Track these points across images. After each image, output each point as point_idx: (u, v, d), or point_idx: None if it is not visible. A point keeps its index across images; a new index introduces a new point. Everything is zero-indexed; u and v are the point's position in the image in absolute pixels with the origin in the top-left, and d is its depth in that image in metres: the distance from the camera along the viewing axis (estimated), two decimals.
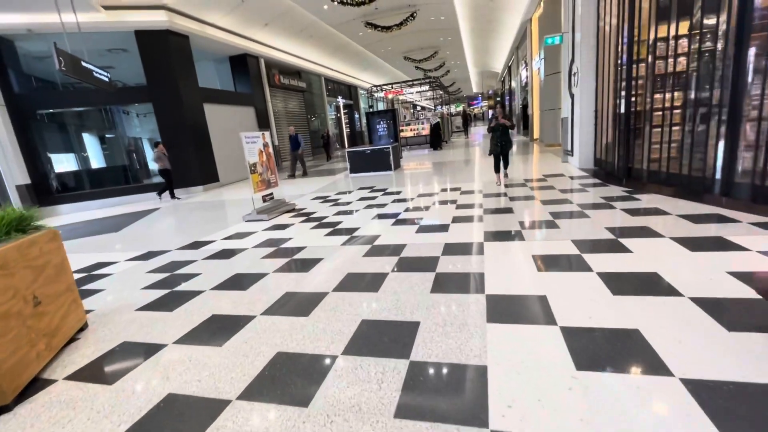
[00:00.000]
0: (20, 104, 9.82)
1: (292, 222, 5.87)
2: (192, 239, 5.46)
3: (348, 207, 6.58)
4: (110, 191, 11.01)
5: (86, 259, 5.01)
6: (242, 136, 6.04)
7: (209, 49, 12.94)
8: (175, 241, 5.45)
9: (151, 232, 6.46)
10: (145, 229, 6.72)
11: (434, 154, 15.09)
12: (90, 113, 11.71)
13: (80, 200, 10.71)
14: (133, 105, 11.52)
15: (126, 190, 11.09)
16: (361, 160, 10.81)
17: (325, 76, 20.81)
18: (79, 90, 10.65)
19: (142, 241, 5.83)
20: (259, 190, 6.39)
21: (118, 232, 6.79)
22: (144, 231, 6.60)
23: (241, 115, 13.84)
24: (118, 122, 12.28)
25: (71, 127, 11.80)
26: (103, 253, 5.35)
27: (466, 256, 3.49)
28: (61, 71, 6.45)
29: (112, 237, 6.40)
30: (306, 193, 8.70)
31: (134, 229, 6.89)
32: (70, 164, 11.51)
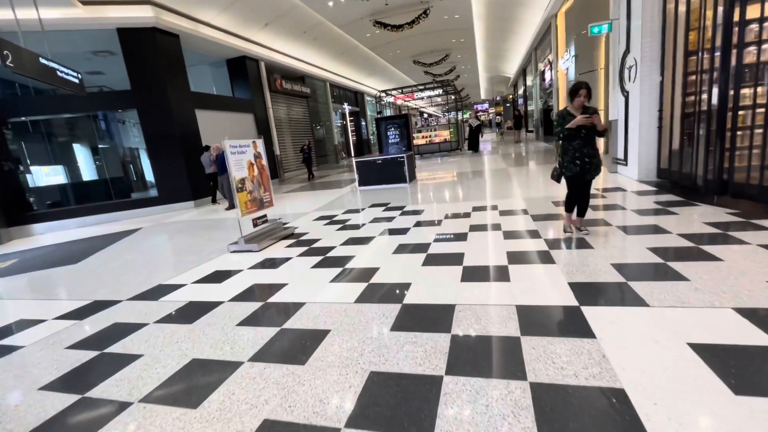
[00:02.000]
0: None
1: (288, 255, 4.54)
2: (156, 281, 4.15)
3: (359, 233, 5.24)
4: (92, 208, 9.80)
5: (8, 313, 3.71)
6: (225, 145, 4.75)
7: (204, 50, 11.82)
8: (134, 283, 4.15)
9: (112, 265, 5.16)
10: (108, 262, 5.43)
11: (450, 163, 13.77)
12: (76, 122, 10.57)
13: (58, 218, 9.50)
14: (118, 112, 10.36)
15: (109, 206, 9.86)
16: (371, 172, 9.51)
17: (330, 82, 19.70)
18: (55, 96, 9.50)
19: (94, 281, 4.53)
20: (249, 212, 5.09)
21: (76, 263, 5.51)
22: (105, 264, 5.31)
23: (238, 123, 12.65)
24: (107, 132, 11.14)
25: (51, 137, 10.67)
26: (38, 300, 4.06)
27: (567, 338, 2.12)
28: (7, 67, 5.23)
29: (65, 273, 5.11)
30: (308, 211, 7.39)
31: (96, 260, 5.61)
32: (48, 178, 10.34)
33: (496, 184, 7.90)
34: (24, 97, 9.64)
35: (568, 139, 3.75)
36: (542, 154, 12.63)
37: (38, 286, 4.64)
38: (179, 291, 3.73)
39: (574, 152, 3.72)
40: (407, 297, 2.92)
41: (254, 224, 5.18)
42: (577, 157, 3.71)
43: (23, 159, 9.54)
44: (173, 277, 4.22)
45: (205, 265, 4.52)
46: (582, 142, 3.68)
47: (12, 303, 4.07)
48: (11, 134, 9.22)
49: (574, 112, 3.70)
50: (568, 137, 3.72)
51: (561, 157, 3.89)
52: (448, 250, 3.98)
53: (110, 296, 3.83)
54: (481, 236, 4.35)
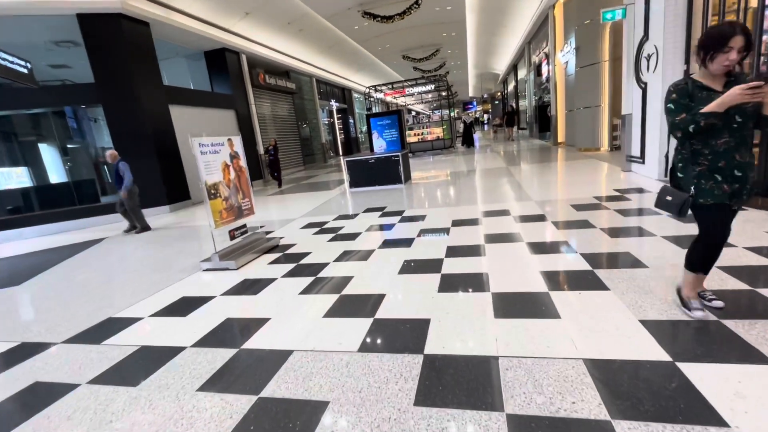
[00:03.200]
0: None
1: (271, 274, 3.79)
2: (106, 312, 3.34)
3: (355, 244, 4.51)
4: (53, 215, 8.79)
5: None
6: (194, 144, 3.96)
7: (178, 41, 10.88)
8: (79, 315, 3.33)
9: (59, 288, 4.31)
10: (56, 283, 4.57)
11: (445, 161, 13.12)
12: (37, 120, 9.52)
13: (13, 226, 8.48)
14: (81, 108, 9.35)
15: (73, 213, 8.87)
16: (363, 172, 8.78)
17: (316, 77, 18.83)
18: (7, 90, 8.46)
19: (31, 311, 3.69)
20: (224, 222, 4.30)
21: (18, 285, 4.64)
22: (51, 287, 4.45)
23: (218, 120, 11.74)
24: (74, 130, 10.09)
25: (6, 136, 9.62)
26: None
27: (687, 426, 1.46)
28: None
29: (1, 298, 4.24)
30: (295, 217, 6.62)
31: (42, 281, 4.73)
32: (3, 181, 9.28)
33: (502, 185, 7.26)
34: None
35: (704, 135, 1.93)
36: (541, 152, 12.09)
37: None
38: (132, 328, 2.94)
39: (718, 160, 1.94)
40: (428, 342, 2.21)
41: (231, 236, 4.40)
42: (723, 169, 1.94)
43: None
44: (129, 306, 3.42)
45: (171, 289, 3.73)
46: (734, 139, 1.90)
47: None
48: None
49: (713, 84, 1.93)
50: (704, 132, 1.90)
51: (685, 171, 2.07)
52: (467, 268, 3.29)
53: (43, 336, 3.02)
54: (502, 250, 3.67)
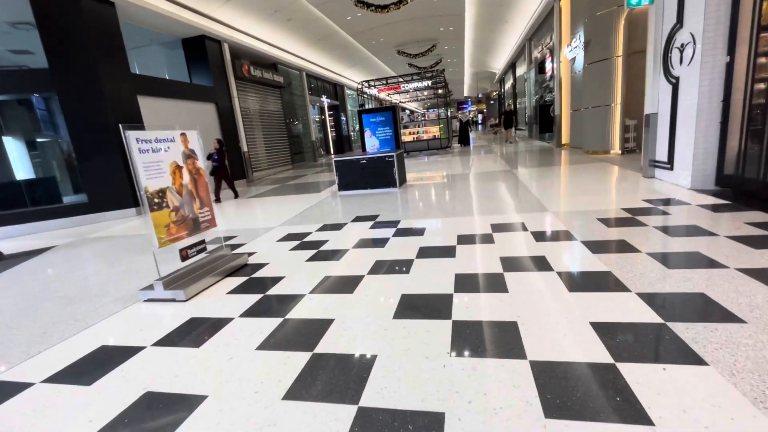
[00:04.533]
0: None
1: (228, 312, 2.89)
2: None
3: (339, 266, 3.64)
4: (13, 216, 7.76)
5: None
6: (129, 138, 3.04)
7: (152, 26, 9.86)
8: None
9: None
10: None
11: (442, 162, 12.30)
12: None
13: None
14: (34, 96, 8.30)
15: (23, 215, 7.84)
16: (353, 173, 7.89)
17: (306, 71, 17.86)
18: None
19: None
20: (174, 238, 3.39)
21: None
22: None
23: (196, 113, 10.75)
24: (26, 122, 9.02)
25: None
26: None
27: None
28: None
29: None
30: (274, 226, 5.71)
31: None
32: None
33: (509, 191, 6.44)
34: None
35: None
36: (545, 154, 11.32)
37: None
38: (6, 406, 2.03)
39: None
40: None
41: (183, 256, 3.49)
42: None
43: None
44: (25, 360, 2.51)
45: (93, 331, 2.82)
46: None
47: None
48: None
49: None
50: None
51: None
52: (486, 311, 2.44)
53: None
54: (529, 283, 2.83)
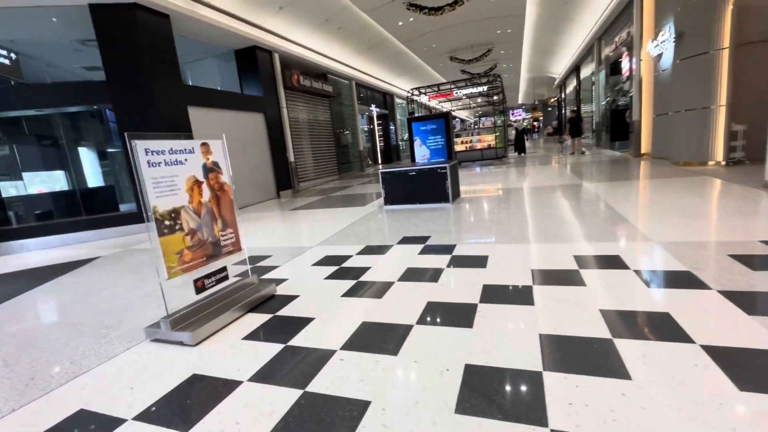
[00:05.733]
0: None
1: (238, 370, 2.26)
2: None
3: (382, 309, 2.89)
4: (57, 226, 8.02)
5: None
6: (136, 149, 2.56)
7: (205, 37, 9.97)
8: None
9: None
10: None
11: (499, 174, 11.22)
12: (48, 121, 8.90)
13: (16, 237, 7.78)
14: (93, 108, 8.59)
15: (77, 224, 8.04)
16: (401, 186, 7.19)
17: (356, 81, 17.62)
18: (9, 89, 7.80)
19: None
20: (187, 267, 2.86)
21: None
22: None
23: (244, 123, 10.71)
24: (88, 134, 9.43)
25: (26, 137, 9.11)
26: None
27: None
28: None
29: None
30: (311, 245, 5.13)
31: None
32: (9, 189, 8.70)
33: (589, 212, 5.35)
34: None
35: None
36: (622, 166, 9.86)
37: None
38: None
39: None
40: None
41: (198, 287, 2.95)
42: None
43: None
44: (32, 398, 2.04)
45: (80, 383, 2.32)
46: None
47: None
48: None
49: None
50: None
51: None
52: (606, 417, 1.56)
53: None
54: (656, 360, 1.89)
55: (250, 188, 10.77)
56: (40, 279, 5.09)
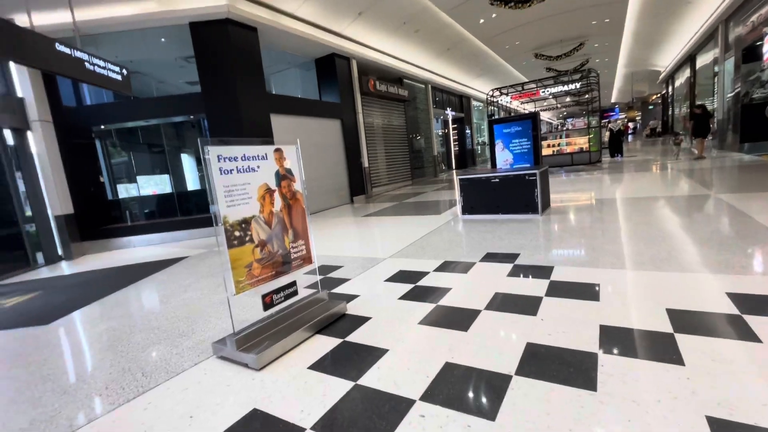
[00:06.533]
0: (69, 120, 8.25)
1: (300, 412, 1.95)
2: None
3: (468, 343, 2.39)
4: (159, 225, 8.85)
5: None
6: (210, 155, 2.42)
7: (288, 47, 10.35)
8: None
9: (50, 352, 3.26)
10: (68, 332, 3.59)
11: (592, 180, 9.90)
12: (157, 130, 9.94)
13: (127, 234, 8.74)
14: (190, 118, 9.35)
15: (175, 224, 8.79)
16: (482, 194, 6.55)
17: (432, 84, 17.18)
18: (124, 103, 8.78)
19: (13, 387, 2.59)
20: (256, 281, 2.67)
21: (47, 324, 3.82)
22: (50, 345, 3.46)
23: (322, 129, 10.90)
24: (190, 141, 10.35)
25: (140, 146, 10.29)
26: None
27: None
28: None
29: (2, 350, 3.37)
30: (383, 257, 4.79)
31: (65, 323, 3.85)
32: (130, 191, 9.84)
33: (736, 232, 4.22)
34: (102, 106, 9.14)
35: None
36: (762, 172, 7.99)
37: None
38: None
39: None
40: None
41: (266, 303, 2.74)
42: None
43: (102, 170, 9.03)
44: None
45: (143, 402, 2.21)
46: None
47: None
48: (88, 144, 8.70)
49: None
50: None
51: None
52: None
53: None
54: None
55: (325, 193, 10.91)
56: (138, 275, 5.49)
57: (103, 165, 8.97)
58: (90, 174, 8.66)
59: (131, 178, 10.01)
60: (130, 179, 10.00)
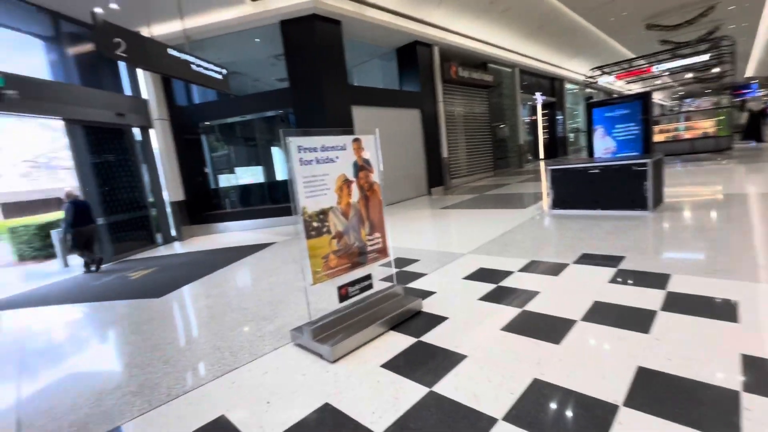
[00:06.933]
0: (181, 117, 9.37)
1: (371, 414, 1.87)
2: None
3: (561, 359, 2.08)
4: (255, 212, 9.66)
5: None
6: (290, 146, 2.44)
7: (369, 38, 10.39)
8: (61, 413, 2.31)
9: (167, 325, 3.67)
10: (175, 309, 4.03)
11: (721, 171, 8.26)
12: (261, 124, 10.79)
13: (228, 219, 9.71)
14: (280, 112, 9.94)
15: (268, 212, 9.52)
16: (576, 186, 5.85)
17: (520, 67, 15.94)
18: (226, 101, 9.62)
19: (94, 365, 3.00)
20: (333, 272, 2.66)
21: (159, 297, 4.36)
22: (160, 315, 3.89)
23: (401, 120, 10.80)
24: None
25: (237, 139, 11.30)
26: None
27: None
28: (116, 57, 4.43)
29: (116, 320, 3.92)
30: (464, 252, 4.53)
31: (177, 296, 4.33)
32: (229, 180, 10.90)
33: None
34: (207, 104, 10.16)
35: None
36: None
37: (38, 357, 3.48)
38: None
39: None
40: None
41: (342, 295, 2.73)
42: None
43: (207, 162, 10.11)
44: (146, 411, 2.18)
45: (226, 381, 2.34)
46: None
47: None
48: (196, 139, 9.79)
49: None
50: None
51: None
52: None
53: None
54: None
55: (402, 184, 10.85)
56: (232, 258, 6.03)
57: (207, 157, 10.04)
58: (197, 165, 9.76)
59: (230, 169, 11.06)
60: (230, 170, 11.06)
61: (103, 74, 8.45)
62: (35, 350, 3.40)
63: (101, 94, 7.81)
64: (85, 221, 6.48)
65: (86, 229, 6.46)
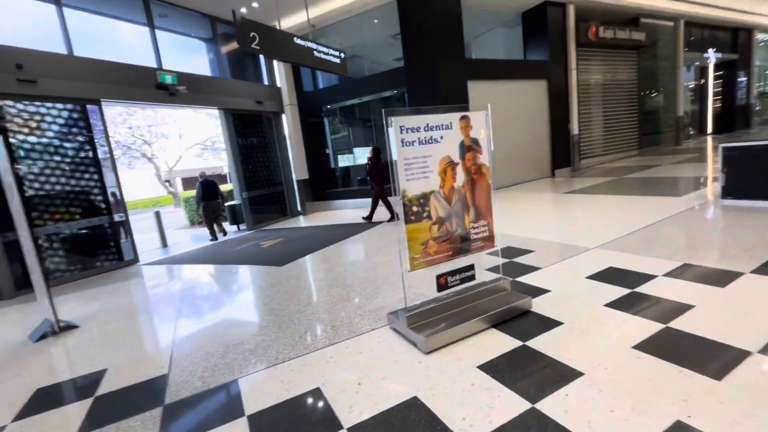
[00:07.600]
0: (307, 102, 10.21)
1: (471, 413, 1.71)
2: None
3: (722, 397, 1.56)
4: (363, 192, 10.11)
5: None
6: (393, 126, 2.34)
7: (492, 3, 9.53)
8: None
9: (281, 288, 4.06)
10: (297, 271, 4.43)
11: None
12: (377, 105, 11.15)
13: (345, 197, 10.40)
14: (394, 92, 9.97)
15: None
16: (758, 169, 4.44)
17: (685, 18, 12.76)
18: (349, 84, 10.05)
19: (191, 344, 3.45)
20: (432, 260, 2.53)
21: (281, 266, 4.90)
22: (280, 283, 4.32)
23: (524, 94, 9.78)
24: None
25: (355, 121, 11.85)
26: None
27: None
28: (251, 50, 4.96)
29: (250, 281, 4.49)
30: (587, 246, 3.88)
31: (294, 267, 4.79)
32: (346, 160, 11.59)
33: None
34: (328, 88, 10.78)
35: None
36: None
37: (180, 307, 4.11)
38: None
39: None
40: None
41: (441, 285, 2.59)
42: None
43: (328, 143, 10.89)
44: (244, 375, 2.40)
45: (323, 356, 2.45)
46: None
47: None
48: (319, 122, 10.57)
49: None
50: None
51: None
52: None
53: None
54: None
55: (521, 165, 9.91)
56: (344, 235, 6.41)
57: (328, 139, 10.80)
58: (319, 147, 10.58)
59: (349, 149, 11.72)
60: (349, 150, 11.73)
61: (246, 67, 9.72)
62: (188, 299, 4.18)
63: (245, 84, 9.01)
64: (211, 197, 7.94)
65: (212, 203, 7.94)
